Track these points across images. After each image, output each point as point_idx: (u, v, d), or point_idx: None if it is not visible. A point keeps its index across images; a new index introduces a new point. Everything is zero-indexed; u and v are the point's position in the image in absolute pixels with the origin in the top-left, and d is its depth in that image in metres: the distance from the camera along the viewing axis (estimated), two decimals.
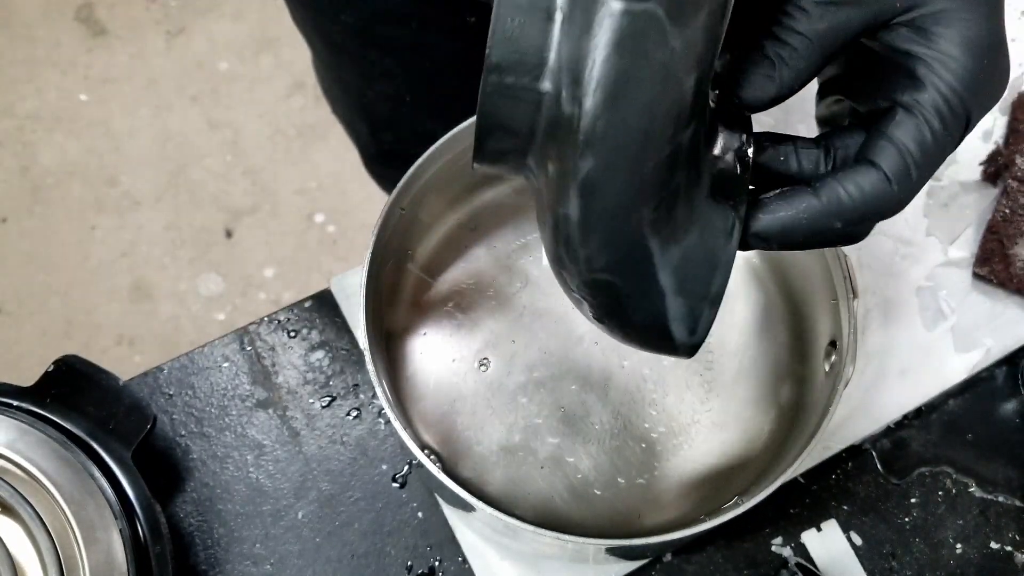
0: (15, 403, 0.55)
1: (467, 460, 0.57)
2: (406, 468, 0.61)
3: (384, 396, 0.50)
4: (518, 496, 0.56)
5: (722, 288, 0.38)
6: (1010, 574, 0.60)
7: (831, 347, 0.55)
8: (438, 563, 0.59)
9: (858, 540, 0.60)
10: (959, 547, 0.60)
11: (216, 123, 1.61)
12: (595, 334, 0.58)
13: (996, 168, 0.67)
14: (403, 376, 0.58)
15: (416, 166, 0.54)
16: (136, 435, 0.56)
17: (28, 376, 0.57)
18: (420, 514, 0.60)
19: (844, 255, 0.54)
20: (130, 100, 1.63)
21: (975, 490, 0.62)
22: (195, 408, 0.62)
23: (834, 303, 0.55)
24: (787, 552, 0.60)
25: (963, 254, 0.66)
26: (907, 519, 0.61)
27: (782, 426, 0.58)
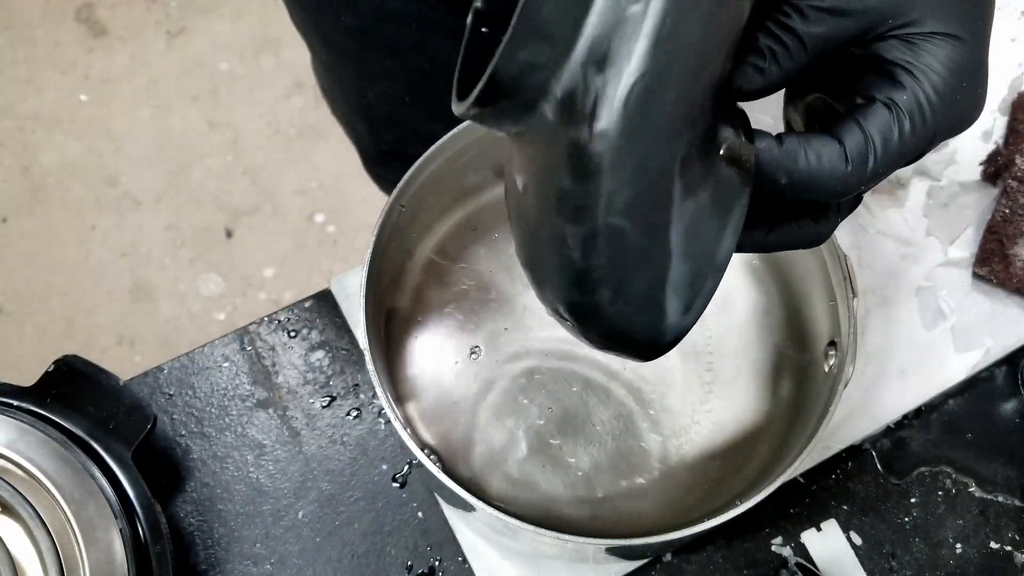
0: (15, 403, 0.55)
1: (467, 460, 0.57)
2: (406, 468, 0.61)
3: (384, 396, 0.50)
4: (518, 496, 0.56)
5: (727, 258, 0.37)
6: (1010, 574, 0.60)
7: (831, 347, 0.55)
8: (438, 563, 0.59)
9: (858, 540, 0.60)
10: (959, 547, 0.61)
11: (216, 123, 1.61)
12: None
13: (996, 168, 0.67)
14: (403, 376, 0.58)
15: (416, 166, 0.54)
16: (136, 435, 0.56)
17: (28, 376, 0.57)
18: (420, 514, 0.60)
19: (844, 255, 0.54)
20: (130, 100, 1.63)
21: (975, 490, 0.62)
22: (195, 408, 0.62)
23: (834, 303, 0.55)
24: (787, 552, 0.60)
25: (963, 254, 0.66)
26: (907, 519, 0.61)
27: (782, 426, 0.58)
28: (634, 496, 0.56)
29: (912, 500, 0.62)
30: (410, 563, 0.59)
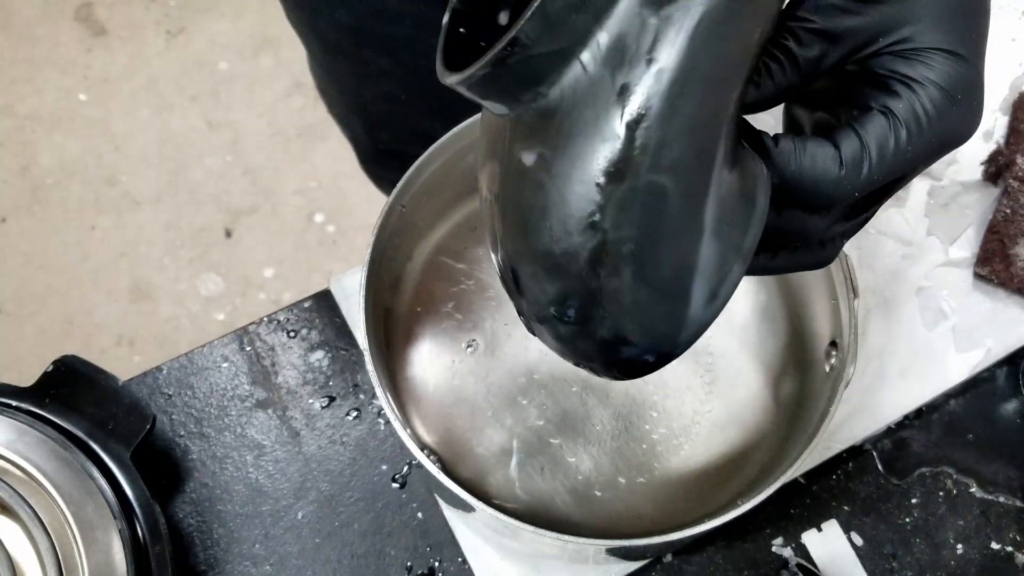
0: (14, 403, 0.55)
1: (467, 460, 0.57)
2: (406, 468, 0.61)
3: (384, 396, 0.50)
4: (518, 496, 0.56)
5: (752, 245, 0.36)
6: (1011, 575, 0.60)
7: (832, 347, 0.55)
8: (438, 563, 0.59)
9: (859, 540, 0.60)
10: (960, 547, 0.60)
11: (216, 123, 1.61)
12: None
13: (997, 168, 0.67)
14: (403, 376, 0.58)
15: (416, 165, 0.54)
16: (135, 435, 0.56)
17: (27, 376, 0.57)
18: (420, 514, 0.60)
19: (845, 255, 0.54)
20: (130, 100, 1.63)
21: (976, 490, 0.62)
22: (194, 408, 0.62)
23: (834, 303, 0.55)
24: (788, 552, 0.60)
25: (964, 254, 0.66)
26: (908, 519, 0.61)
27: (782, 426, 0.58)
28: (634, 496, 0.56)
29: (913, 501, 0.61)
30: (410, 564, 0.59)
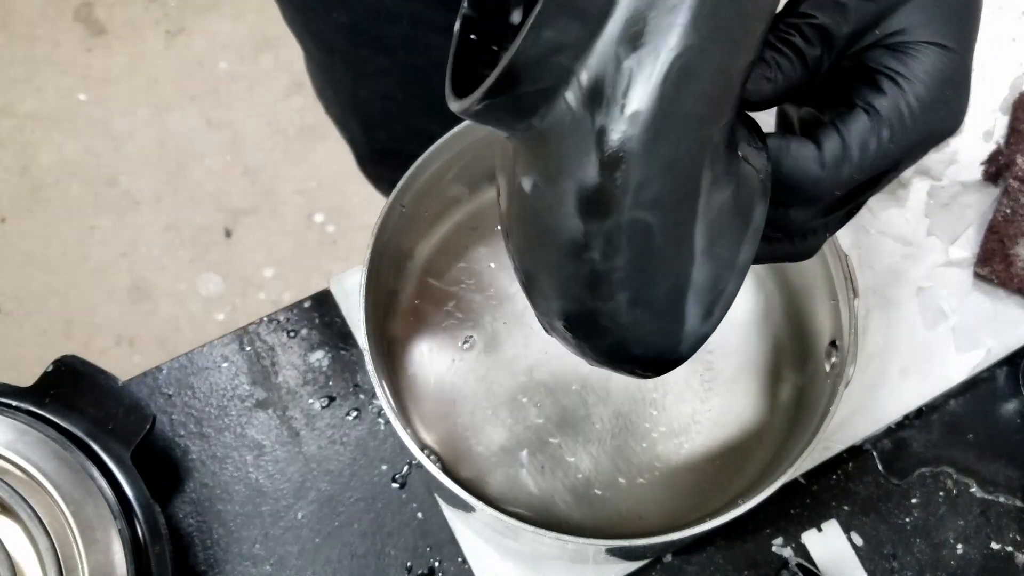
0: (14, 403, 0.55)
1: (467, 460, 0.57)
2: (406, 468, 0.61)
3: (384, 396, 0.50)
4: (518, 496, 0.56)
5: (748, 260, 0.36)
6: (1011, 575, 0.60)
7: (832, 347, 0.55)
8: (438, 563, 0.59)
9: (859, 540, 0.60)
10: (960, 547, 0.60)
11: (216, 123, 1.61)
12: None
13: (997, 168, 0.67)
14: (403, 376, 0.58)
15: (416, 165, 0.54)
16: (135, 435, 0.56)
17: (27, 376, 0.57)
18: (420, 514, 0.60)
19: (845, 255, 0.54)
20: (129, 100, 1.63)
21: (976, 490, 0.62)
22: (194, 408, 0.62)
23: (835, 303, 0.55)
24: (788, 552, 0.60)
25: (964, 254, 0.66)
26: (908, 519, 0.61)
27: (783, 426, 0.58)
28: (634, 496, 0.56)
29: (913, 500, 0.61)
30: (410, 564, 0.59)
